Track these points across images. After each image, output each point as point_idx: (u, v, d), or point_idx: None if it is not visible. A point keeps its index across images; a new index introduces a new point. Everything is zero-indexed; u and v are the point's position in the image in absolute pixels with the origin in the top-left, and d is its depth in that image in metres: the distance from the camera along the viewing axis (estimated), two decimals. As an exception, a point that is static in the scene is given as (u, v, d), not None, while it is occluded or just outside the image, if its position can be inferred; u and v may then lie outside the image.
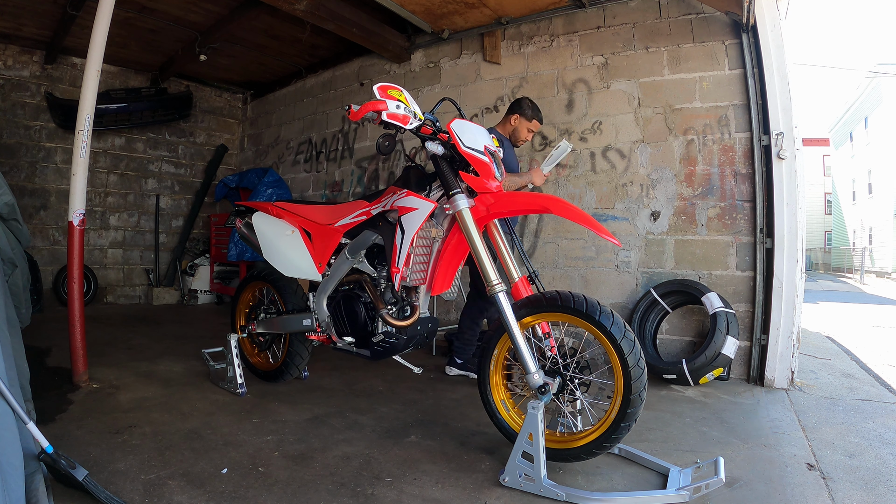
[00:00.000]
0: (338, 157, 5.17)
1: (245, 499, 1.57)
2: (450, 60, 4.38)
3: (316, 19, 3.88)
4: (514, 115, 2.96)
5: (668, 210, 3.40)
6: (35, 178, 5.12)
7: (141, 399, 2.45)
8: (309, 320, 2.41)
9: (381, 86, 1.80)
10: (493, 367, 1.98)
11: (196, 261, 5.93)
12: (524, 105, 2.96)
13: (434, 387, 2.90)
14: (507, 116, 2.99)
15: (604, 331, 1.69)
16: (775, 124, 3.03)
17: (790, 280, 2.98)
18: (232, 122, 6.56)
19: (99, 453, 1.82)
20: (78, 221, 2.64)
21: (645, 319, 3.32)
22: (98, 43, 2.65)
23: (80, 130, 2.62)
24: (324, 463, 1.84)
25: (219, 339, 3.22)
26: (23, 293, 2.14)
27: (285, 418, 2.28)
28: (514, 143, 3.03)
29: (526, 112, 2.94)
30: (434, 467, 1.84)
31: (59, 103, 5.10)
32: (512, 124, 2.98)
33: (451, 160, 1.94)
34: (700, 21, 3.34)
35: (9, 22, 4.49)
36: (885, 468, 1.90)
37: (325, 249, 2.33)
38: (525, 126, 2.96)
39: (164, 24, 4.52)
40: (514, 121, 2.96)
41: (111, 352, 3.33)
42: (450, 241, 2.02)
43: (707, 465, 1.78)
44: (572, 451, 1.77)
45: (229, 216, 2.94)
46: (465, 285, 4.00)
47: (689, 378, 2.96)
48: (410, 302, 2.13)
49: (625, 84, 3.57)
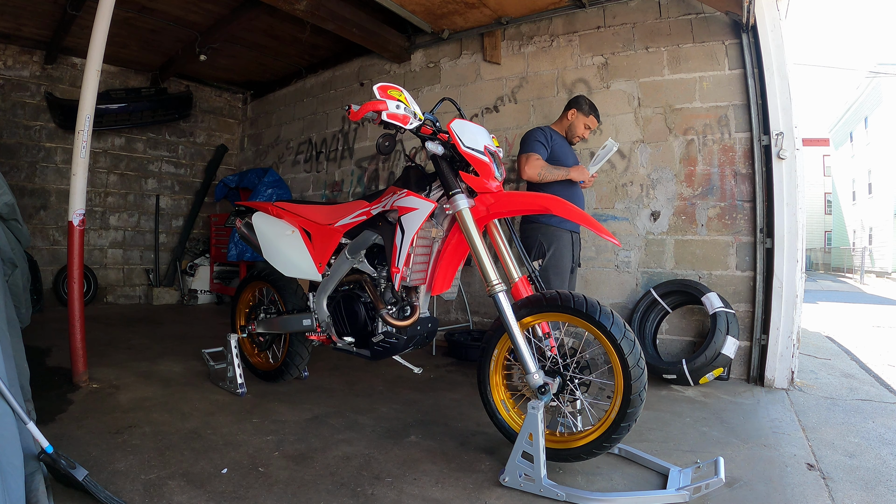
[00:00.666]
0: (338, 157, 5.17)
1: (245, 499, 1.57)
2: (450, 60, 4.38)
3: (316, 19, 3.88)
4: (571, 111, 2.93)
5: (668, 210, 3.40)
6: (35, 178, 5.12)
7: (141, 399, 2.45)
8: (309, 320, 2.41)
9: (381, 86, 1.80)
10: (493, 367, 1.98)
11: (196, 261, 5.93)
12: (581, 101, 2.93)
13: (434, 387, 2.90)
14: (564, 112, 2.97)
15: (604, 331, 1.69)
16: (775, 124, 3.03)
17: (790, 280, 2.98)
18: (232, 122, 6.56)
19: (99, 453, 1.82)
20: (78, 221, 2.64)
21: (645, 319, 3.32)
22: (98, 43, 2.65)
23: (80, 130, 2.62)
24: (324, 463, 1.84)
25: (219, 339, 3.22)
26: (23, 293, 2.14)
27: (285, 418, 2.28)
28: (570, 139, 2.99)
29: (583, 107, 2.91)
30: (434, 467, 1.84)
31: (59, 103, 5.09)
32: (569, 119, 2.94)
33: (451, 160, 1.94)
34: (700, 21, 3.34)
35: (9, 22, 4.49)
36: (885, 468, 1.90)
37: (325, 249, 2.33)
38: (582, 122, 2.92)
39: (164, 24, 4.52)
40: (571, 116, 2.93)
41: (111, 352, 3.33)
42: (450, 241, 2.02)
43: (707, 465, 1.78)
44: (572, 451, 1.77)
45: (229, 216, 2.94)
46: (466, 285, 4.01)
47: (689, 378, 2.96)
48: (410, 302, 2.13)
49: (625, 84, 3.57)
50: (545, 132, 2.83)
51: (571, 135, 2.97)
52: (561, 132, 2.97)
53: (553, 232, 2.74)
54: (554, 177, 2.72)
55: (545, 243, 2.72)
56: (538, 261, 2.74)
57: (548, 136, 2.82)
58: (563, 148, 2.90)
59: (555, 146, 2.82)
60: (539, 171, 2.70)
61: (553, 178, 2.72)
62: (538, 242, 2.74)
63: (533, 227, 2.79)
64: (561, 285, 2.72)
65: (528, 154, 2.75)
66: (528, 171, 2.71)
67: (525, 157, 2.75)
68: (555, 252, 2.72)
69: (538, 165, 2.70)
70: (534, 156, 2.72)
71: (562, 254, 2.74)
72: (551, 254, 2.72)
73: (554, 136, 2.86)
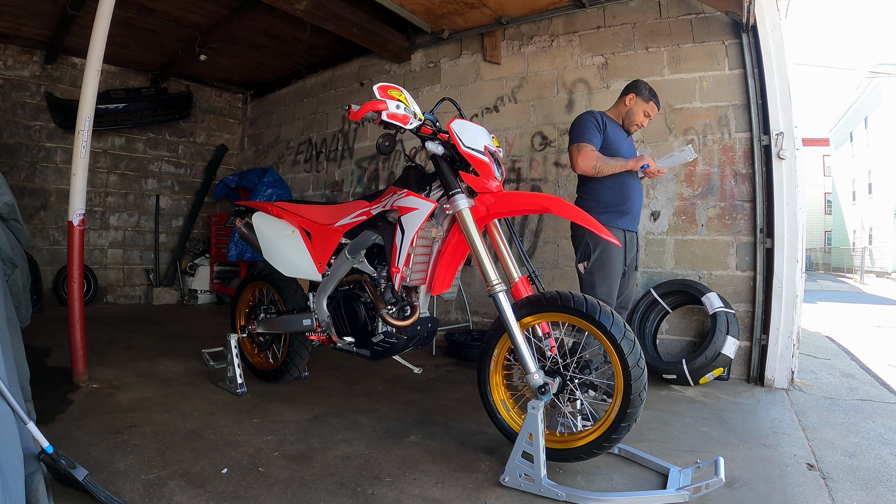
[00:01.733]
0: (338, 157, 5.17)
1: (245, 499, 1.57)
2: (450, 60, 4.38)
3: (316, 19, 3.88)
4: (629, 96, 2.61)
5: (668, 210, 3.40)
6: (35, 178, 5.12)
7: (141, 399, 2.45)
8: (309, 320, 2.41)
9: (381, 86, 1.80)
10: (493, 367, 1.98)
11: (196, 261, 5.93)
12: (641, 85, 2.61)
13: (434, 387, 2.90)
14: (621, 98, 2.65)
15: (604, 331, 1.69)
16: (775, 124, 3.03)
17: (790, 280, 2.98)
18: (232, 122, 6.56)
19: (99, 453, 1.82)
20: (78, 221, 2.64)
21: (645, 319, 3.32)
22: (98, 43, 2.65)
23: (80, 130, 2.63)
24: (324, 463, 1.84)
25: (219, 339, 3.22)
26: (23, 293, 2.14)
27: (285, 418, 2.28)
28: (628, 127, 2.65)
29: (643, 92, 2.59)
30: (434, 467, 1.84)
31: (59, 103, 5.10)
32: (626, 105, 2.61)
33: (451, 160, 1.94)
34: (700, 21, 3.34)
35: (9, 22, 4.49)
36: (885, 468, 1.90)
37: (325, 249, 2.33)
38: (641, 108, 2.60)
39: (164, 24, 4.52)
40: (630, 101, 2.60)
41: (111, 352, 3.33)
42: (450, 241, 2.02)
43: (707, 465, 1.78)
44: (572, 451, 1.77)
45: (229, 216, 2.94)
46: (466, 285, 4.01)
47: (689, 378, 2.95)
48: (410, 302, 2.13)
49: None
50: (596, 118, 2.51)
51: (629, 122, 2.63)
52: (616, 119, 2.65)
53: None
54: (611, 169, 2.42)
55: (591, 244, 2.44)
56: (583, 263, 2.47)
57: (600, 122, 2.51)
58: (618, 136, 2.57)
59: (608, 134, 2.51)
60: (594, 164, 2.41)
61: (610, 172, 2.43)
62: (584, 243, 2.47)
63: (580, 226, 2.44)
64: (608, 292, 2.42)
65: (579, 144, 2.44)
66: (582, 165, 2.43)
67: (576, 148, 2.45)
68: (601, 254, 2.42)
69: (592, 157, 2.40)
70: (587, 147, 2.42)
71: (610, 255, 2.42)
72: (597, 256, 2.42)
73: (608, 122, 2.55)
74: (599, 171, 2.43)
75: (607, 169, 2.43)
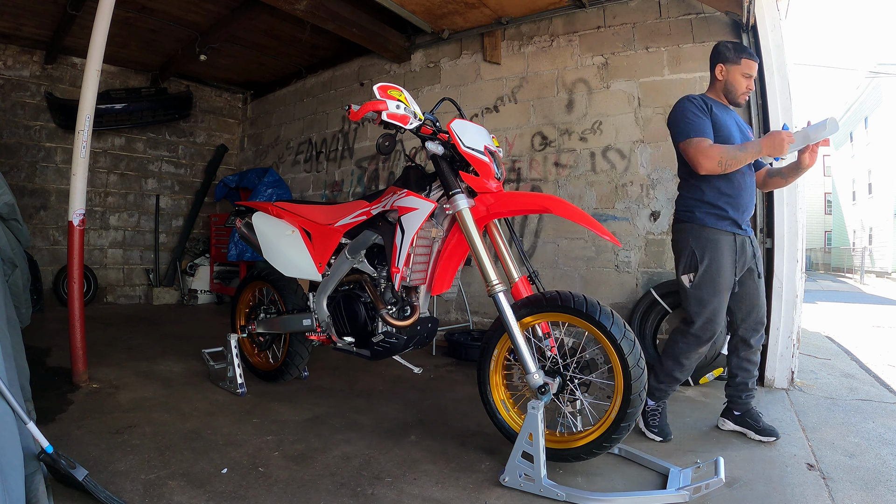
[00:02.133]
0: (338, 157, 5.17)
1: (245, 499, 1.57)
2: (450, 60, 4.38)
3: (316, 19, 3.88)
4: (717, 67, 2.17)
5: (668, 210, 3.40)
6: (35, 178, 5.12)
7: (141, 399, 2.45)
8: (309, 320, 2.42)
9: (381, 86, 1.80)
10: (493, 367, 1.98)
11: (196, 261, 5.93)
12: (722, 48, 2.16)
13: (434, 387, 2.90)
14: (711, 73, 2.21)
15: (604, 331, 1.69)
16: (775, 124, 3.02)
17: (790, 280, 2.98)
18: (232, 122, 6.56)
19: (99, 453, 1.82)
20: (78, 221, 2.64)
21: (645, 319, 3.32)
22: (98, 43, 2.65)
23: (80, 130, 2.63)
24: (324, 463, 1.84)
25: (219, 339, 3.22)
26: (23, 293, 2.14)
27: (285, 418, 2.28)
28: (734, 101, 2.19)
29: (728, 55, 2.13)
30: (434, 467, 1.84)
31: (59, 103, 5.10)
32: (720, 78, 2.17)
33: (451, 160, 1.94)
34: (700, 21, 3.34)
35: (9, 22, 4.49)
36: (885, 468, 1.90)
37: (325, 249, 2.33)
38: (738, 72, 2.12)
39: (164, 24, 4.52)
40: (721, 73, 2.16)
41: (111, 352, 3.33)
42: (450, 241, 2.02)
43: (707, 465, 1.78)
44: (572, 451, 1.78)
45: (229, 216, 2.94)
46: (466, 285, 4.01)
47: (689, 378, 2.95)
48: (410, 302, 2.13)
49: (625, 84, 3.57)
50: (697, 103, 2.09)
51: (733, 95, 2.17)
52: (718, 98, 2.20)
53: (709, 235, 2.06)
54: (740, 160, 1.97)
55: (698, 252, 2.06)
56: (688, 275, 2.08)
57: (702, 106, 2.09)
58: (726, 117, 2.14)
59: (716, 118, 2.09)
60: (719, 160, 1.96)
61: (742, 163, 1.98)
62: (689, 250, 2.09)
63: (682, 229, 2.14)
64: (717, 309, 2.05)
65: (690, 140, 2.02)
66: (707, 164, 1.98)
67: (689, 145, 2.02)
68: (710, 263, 2.04)
69: (714, 154, 1.97)
70: (703, 141, 2.00)
71: (721, 265, 2.04)
72: (706, 266, 2.04)
73: (712, 105, 2.12)
74: (728, 165, 1.98)
75: (736, 161, 1.97)
